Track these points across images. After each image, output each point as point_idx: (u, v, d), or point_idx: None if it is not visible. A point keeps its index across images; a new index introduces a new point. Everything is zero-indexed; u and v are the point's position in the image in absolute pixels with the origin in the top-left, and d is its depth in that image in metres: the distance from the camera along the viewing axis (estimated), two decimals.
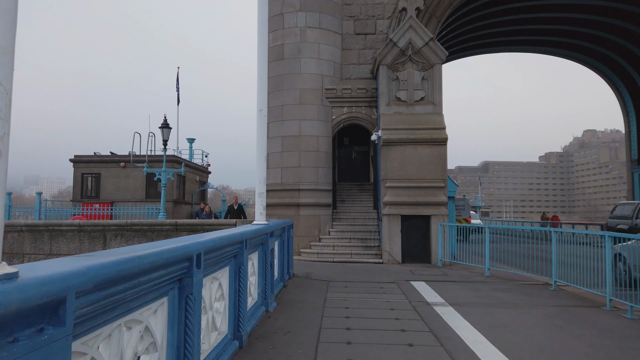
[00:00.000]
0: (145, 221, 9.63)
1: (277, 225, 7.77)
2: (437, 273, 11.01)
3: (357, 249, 13.48)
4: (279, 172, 14.62)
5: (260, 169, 7.14)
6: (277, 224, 7.89)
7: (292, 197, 14.29)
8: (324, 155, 14.62)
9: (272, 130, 14.87)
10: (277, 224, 7.81)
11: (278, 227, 7.87)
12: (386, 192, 13.08)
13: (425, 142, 13.09)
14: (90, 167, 23.30)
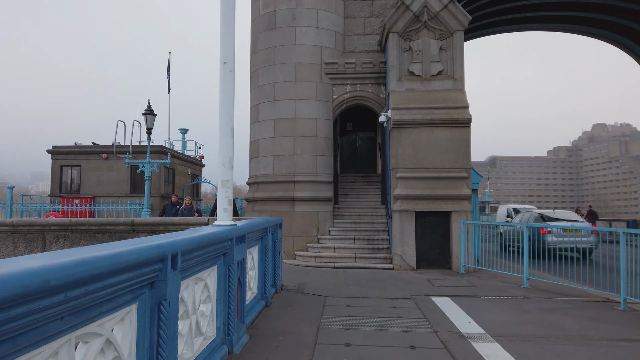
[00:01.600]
0: (94, 220, 7.59)
1: (253, 226, 5.65)
2: (462, 283, 8.86)
3: (363, 252, 11.34)
4: (271, 161, 12.50)
5: (225, 147, 5.01)
6: (254, 224, 5.77)
7: (286, 191, 12.17)
8: (324, 142, 12.47)
9: (263, 112, 12.74)
10: (253, 224, 5.70)
11: (254, 228, 5.76)
12: (397, 184, 10.93)
13: (444, 123, 10.91)
14: (70, 158, 21.30)
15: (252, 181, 12.94)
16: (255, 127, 13.00)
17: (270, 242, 7.25)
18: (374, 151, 15.16)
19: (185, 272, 3.30)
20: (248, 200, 13.07)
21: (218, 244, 4.21)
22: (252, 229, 5.58)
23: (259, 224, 6.09)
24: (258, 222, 6.11)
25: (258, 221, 6.25)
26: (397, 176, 10.89)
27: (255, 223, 5.88)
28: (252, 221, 5.93)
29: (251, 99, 13.31)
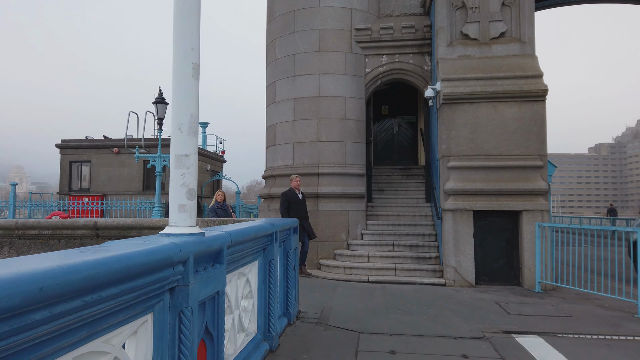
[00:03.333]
0: (46, 222, 5.58)
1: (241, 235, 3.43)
2: (548, 310, 6.41)
3: (405, 262, 8.99)
4: (290, 149, 10.30)
5: (182, 97, 2.81)
6: (243, 231, 3.54)
7: (308, 185, 9.95)
8: (354, 125, 10.18)
9: (281, 91, 10.55)
10: (241, 232, 3.46)
11: (245, 237, 3.54)
12: (449, 176, 8.53)
13: (510, 97, 8.44)
14: (80, 153, 19.75)
15: (268, 174, 10.78)
16: (271, 110, 10.84)
17: (279, 254, 5.05)
18: (414, 139, 12.74)
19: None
20: (263, 197, 10.92)
21: (146, 277, 2.03)
22: (238, 239, 3.36)
23: (255, 230, 3.87)
24: (254, 228, 3.89)
25: (254, 226, 4.03)
26: (450, 166, 8.49)
27: (247, 230, 3.65)
28: (243, 227, 3.71)
29: (267, 76, 11.15)
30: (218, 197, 9.62)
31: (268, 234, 4.44)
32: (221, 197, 9.62)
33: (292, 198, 8.79)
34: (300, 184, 8.97)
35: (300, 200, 8.86)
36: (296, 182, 8.88)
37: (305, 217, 8.76)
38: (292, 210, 8.66)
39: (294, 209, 8.71)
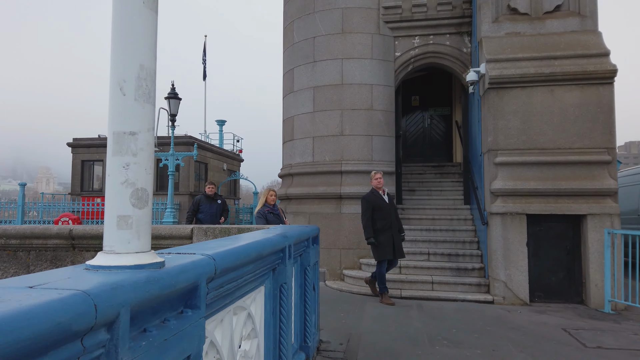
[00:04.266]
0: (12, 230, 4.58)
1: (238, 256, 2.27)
2: (634, 340, 5.08)
3: (443, 274, 7.72)
4: (309, 144, 9.14)
5: (127, 40, 1.71)
6: (245, 250, 2.39)
7: (330, 185, 8.78)
8: (382, 117, 8.95)
9: (300, 79, 9.41)
10: (240, 252, 2.31)
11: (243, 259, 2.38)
12: (497, 174, 7.23)
13: (571, 79, 7.10)
14: (92, 152, 19.00)
15: (285, 172, 9.64)
16: (288, 101, 9.70)
17: (293, 273, 3.90)
18: (448, 133, 11.42)
19: None
20: (280, 197, 9.78)
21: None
22: (230, 263, 2.18)
23: (258, 248, 2.68)
24: (256, 245, 2.70)
25: (257, 242, 2.84)
26: (497, 161, 7.19)
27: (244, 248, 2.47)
28: (238, 245, 2.52)
29: (284, 63, 10.02)
30: (269, 197, 6.82)
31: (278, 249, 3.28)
32: (273, 198, 6.86)
33: (377, 202, 6.87)
34: (382, 183, 7.02)
35: (387, 205, 6.91)
36: (377, 180, 6.92)
37: (399, 228, 6.99)
38: (379, 219, 6.80)
39: (381, 216, 6.82)
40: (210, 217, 8.91)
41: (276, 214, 6.82)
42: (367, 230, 6.90)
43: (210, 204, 8.93)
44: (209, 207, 8.83)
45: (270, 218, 6.71)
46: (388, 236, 6.82)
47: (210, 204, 8.94)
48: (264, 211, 6.71)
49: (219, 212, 9.12)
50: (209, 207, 8.85)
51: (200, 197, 8.94)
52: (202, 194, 9.00)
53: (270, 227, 4.36)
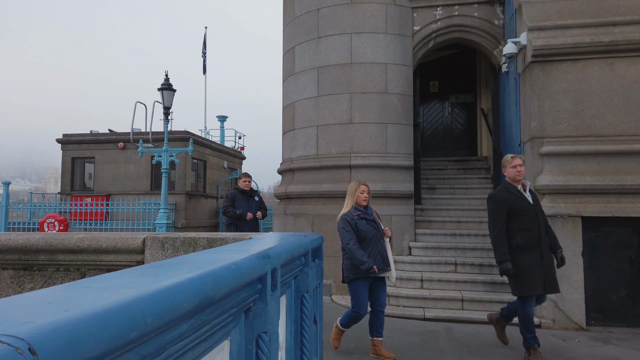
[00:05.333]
0: None
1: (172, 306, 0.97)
2: None
3: (474, 289, 6.36)
4: (313, 134, 7.82)
5: None
6: (181, 292, 1.07)
7: (337, 181, 7.46)
8: (398, 101, 7.61)
9: (301, 59, 8.10)
10: (172, 295, 1.00)
11: (180, 309, 1.08)
12: (542, 167, 5.88)
13: (635, 49, 5.73)
14: (83, 149, 17.82)
15: (285, 167, 8.33)
16: (289, 85, 8.39)
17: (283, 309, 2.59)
18: (472, 123, 10.04)
19: None
20: (279, 197, 8.49)
21: None
22: (159, 316, 0.91)
23: (199, 289, 1.35)
24: (198, 284, 1.36)
25: (211, 272, 1.50)
26: (543, 152, 5.83)
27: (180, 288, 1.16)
28: (174, 283, 1.20)
29: (284, 42, 8.72)
30: (359, 196, 4.61)
31: (251, 280, 1.96)
32: (365, 197, 4.62)
33: (515, 203, 4.38)
34: (523, 173, 4.50)
35: (532, 207, 4.40)
36: (517, 169, 4.43)
37: (552, 244, 4.44)
38: (520, 230, 4.32)
39: (523, 225, 4.32)
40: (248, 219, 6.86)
41: (371, 220, 4.55)
42: (499, 249, 4.33)
43: (248, 202, 6.74)
44: (246, 206, 6.69)
45: (363, 227, 4.46)
46: (535, 257, 4.26)
47: (247, 201, 6.75)
48: (352, 217, 4.47)
49: (256, 209, 6.85)
50: (246, 205, 6.71)
51: (234, 192, 6.79)
52: (234, 189, 6.95)
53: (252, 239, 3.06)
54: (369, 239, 4.45)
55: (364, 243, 4.43)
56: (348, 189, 4.67)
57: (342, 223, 4.46)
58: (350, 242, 4.38)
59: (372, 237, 4.46)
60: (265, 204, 7.13)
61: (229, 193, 6.84)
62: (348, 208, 4.56)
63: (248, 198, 6.82)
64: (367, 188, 4.63)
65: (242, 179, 6.90)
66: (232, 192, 6.84)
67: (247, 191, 6.83)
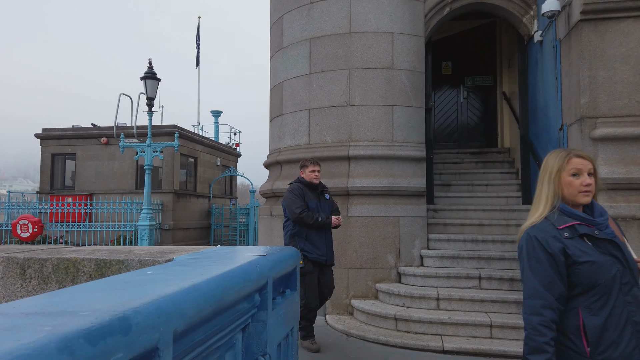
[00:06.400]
0: None
1: None
2: None
3: (505, 310, 5.02)
4: (304, 120, 6.51)
5: None
6: None
7: (333, 176, 6.14)
8: (407, 80, 6.28)
9: (290, 30, 6.79)
10: None
11: None
12: (596, 154, 4.54)
13: None
14: (63, 144, 16.57)
15: (272, 160, 7.02)
16: (276, 61, 7.08)
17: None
18: (491, 109, 8.70)
19: None
20: (265, 195, 7.19)
21: None
22: None
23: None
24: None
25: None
26: (598, 135, 4.50)
27: None
28: None
29: (271, 10, 7.41)
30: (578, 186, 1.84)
31: None
32: (588, 184, 1.86)
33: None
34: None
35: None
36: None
37: None
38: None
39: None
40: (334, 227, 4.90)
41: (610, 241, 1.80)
42: None
43: (319, 201, 4.75)
44: (317, 207, 4.68)
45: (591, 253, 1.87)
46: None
47: (318, 200, 4.75)
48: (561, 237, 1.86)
49: (329, 210, 4.79)
50: (318, 206, 4.70)
51: (300, 187, 4.73)
52: (298, 182, 4.81)
53: (164, 267, 1.75)
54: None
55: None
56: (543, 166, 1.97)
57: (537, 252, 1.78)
58: None
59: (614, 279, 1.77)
60: (336, 204, 5.02)
61: (294, 189, 4.70)
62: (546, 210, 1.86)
63: (319, 195, 4.78)
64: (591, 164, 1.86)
65: (309, 167, 4.75)
66: (298, 187, 4.72)
67: (317, 185, 4.77)
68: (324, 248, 4.61)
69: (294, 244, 4.50)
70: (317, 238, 4.58)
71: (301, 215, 4.49)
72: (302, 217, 4.49)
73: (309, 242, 4.56)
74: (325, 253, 4.63)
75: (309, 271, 4.54)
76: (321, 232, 4.61)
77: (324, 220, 4.55)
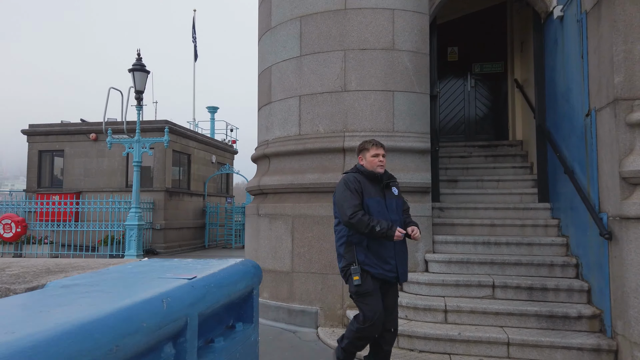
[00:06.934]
0: None
1: None
2: None
3: (523, 324, 4.33)
4: (294, 107, 5.82)
5: None
6: None
7: (326, 170, 5.46)
8: (410, 62, 5.59)
9: (278, 7, 6.10)
10: None
11: None
12: (634, 143, 3.84)
13: None
14: (50, 141, 15.92)
15: (260, 153, 6.34)
16: (264, 44, 6.40)
17: None
18: (502, 99, 7.99)
19: None
20: (253, 192, 6.51)
21: None
22: None
23: None
24: None
25: None
26: (634, 120, 3.80)
27: None
28: None
29: None
30: None
31: None
32: None
33: None
34: None
35: None
36: None
37: None
38: None
39: None
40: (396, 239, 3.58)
41: None
42: None
43: (383, 197, 3.51)
44: (377, 204, 3.44)
45: None
46: None
47: (382, 196, 3.52)
48: None
49: (400, 211, 3.58)
50: (380, 204, 3.45)
51: (358, 177, 3.50)
52: (354, 170, 3.59)
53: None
54: None
55: None
56: None
57: None
58: None
59: None
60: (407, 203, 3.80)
61: (349, 180, 3.44)
62: None
63: (383, 190, 3.51)
64: None
65: (371, 150, 3.54)
66: (354, 178, 3.46)
67: (381, 176, 3.51)
68: (394, 260, 3.37)
69: (350, 256, 3.38)
70: (383, 248, 3.34)
71: (352, 219, 3.25)
72: (353, 222, 3.25)
73: (373, 253, 3.33)
74: (394, 267, 3.37)
75: (368, 291, 3.30)
76: (388, 242, 3.35)
77: (384, 230, 3.21)
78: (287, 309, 5.41)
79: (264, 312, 5.65)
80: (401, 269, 3.43)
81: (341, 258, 3.49)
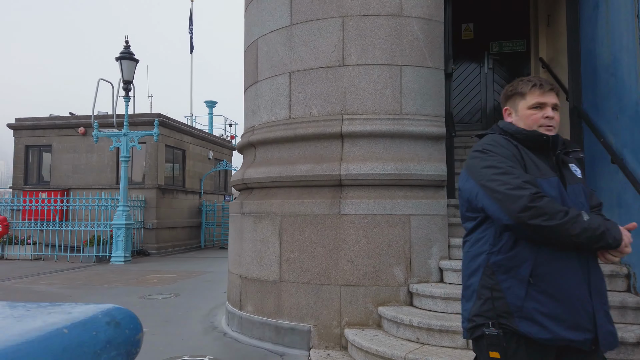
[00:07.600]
0: None
1: None
2: None
3: None
4: (284, 86, 4.93)
5: None
6: None
7: (321, 160, 4.56)
8: (421, 31, 4.67)
9: None
10: None
11: None
12: None
13: None
14: (37, 135, 15.13)
15: (245, 142, 5.45)
16: (251, 13, 5.51)
17: None
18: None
19: None
20: (237, 186, 5.62)
21: None
22: None
23: None
24: None
25: None
26: None
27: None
28: None
29: None
30: None
31: None
32: None
33: None
34: None
35: None
36: None
37: None
38: None
39: None
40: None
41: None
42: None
43: (566, 178, 1.80)
44: (552, 190, 1.70)
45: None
46: None
47: (558, 175, 1.79)
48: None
49: (587, 205, 1.83)
50: (552, 187, 1.71)
51: (507, 141, 1.80)
52: (499, 131, 1.89)
53: None
54: None
55: None
56: None
57: None
58: None
59: None
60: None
61: (497, 142, 1.80)
62: None
63: (559, 165, 1.82)
64: None
65: (530, 96, 1.83)
66: (503, 142, 1.80)
67: (550, 142, 1.80)
68: (590, 305, 1.67)
69: (498, 293, 1.68)
70: (564, 280, 1.66)
71: (536, 204, 1.57)
72: (543, 211, 1.57)
73: (544, 290, 1.65)
74: (591, 320, 1.65)
75: None
76: (573, 264, 1.68)
77: (605, 228, 1.62)
78: (274, 325, 4.53)
79: (248, 329, 4.77)
80: (604, 325, 1.67)
81: (472, 298, 1.76)
